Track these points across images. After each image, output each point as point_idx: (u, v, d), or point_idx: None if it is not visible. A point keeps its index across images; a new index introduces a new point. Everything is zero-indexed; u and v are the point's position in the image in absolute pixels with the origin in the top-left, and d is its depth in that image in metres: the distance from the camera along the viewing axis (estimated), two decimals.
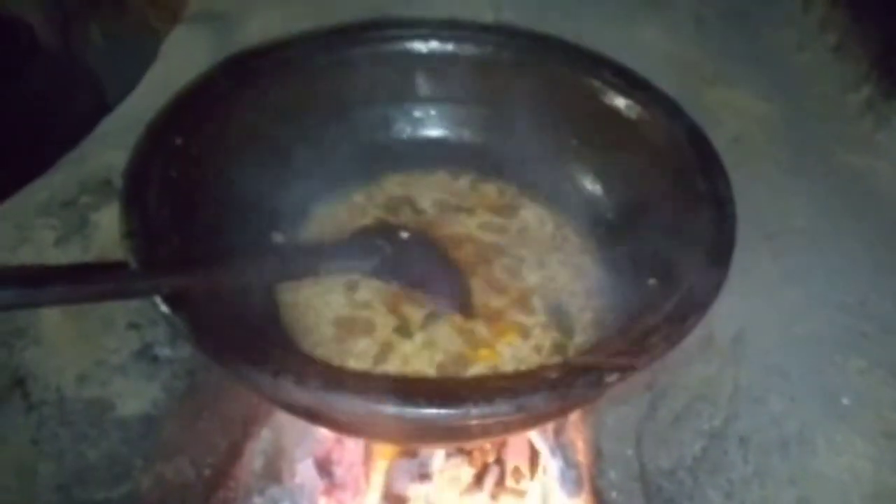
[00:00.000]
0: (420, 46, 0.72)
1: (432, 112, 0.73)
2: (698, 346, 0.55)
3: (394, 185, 0.70)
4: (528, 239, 0.67)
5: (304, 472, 0.64)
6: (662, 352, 0.46)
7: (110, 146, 0.71)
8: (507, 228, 0.67)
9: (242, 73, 0.65)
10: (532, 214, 0.69)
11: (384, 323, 0.55)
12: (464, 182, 0.71)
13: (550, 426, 0.64)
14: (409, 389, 0.43)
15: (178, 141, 0.58)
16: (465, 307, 0.57)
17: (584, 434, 0.60)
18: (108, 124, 0.79)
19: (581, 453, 0.62)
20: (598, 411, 0.59)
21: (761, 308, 0.57)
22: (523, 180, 0.71)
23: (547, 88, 0.70)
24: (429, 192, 0.70)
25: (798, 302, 0.57)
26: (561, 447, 0.64)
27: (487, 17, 0.91)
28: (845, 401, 0.50)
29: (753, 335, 0.55)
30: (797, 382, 0.51)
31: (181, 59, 0.88)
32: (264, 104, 0.65)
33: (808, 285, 0.59)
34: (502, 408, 0.43)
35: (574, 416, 0.63)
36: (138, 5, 1.25)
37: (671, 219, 0.60)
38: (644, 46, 0.90)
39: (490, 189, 0.71)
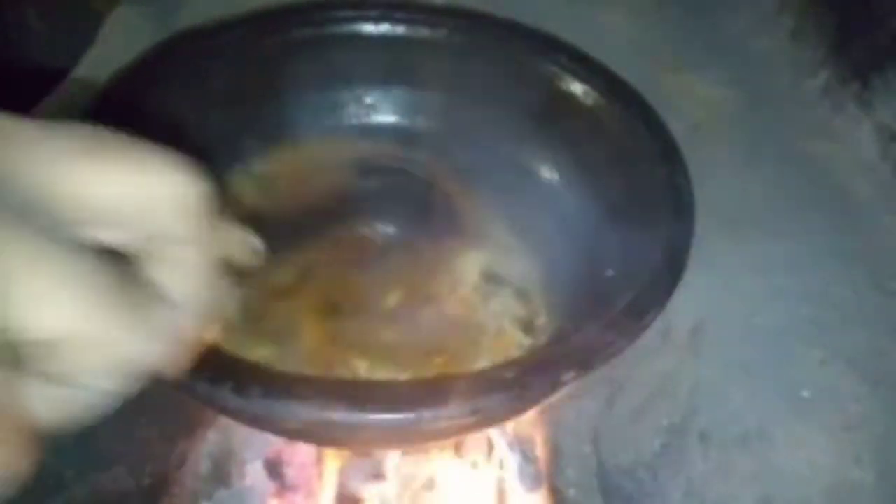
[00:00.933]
0: (370, 29, 0.69)
1: (384, 97, 0.71)
2: (656, 340, 0.54)
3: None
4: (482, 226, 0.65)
5: (254, 474, 0.62)
6: (620, 348, 0.45)
7: None
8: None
9: (177, 58, 0.62)
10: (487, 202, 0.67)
11: None
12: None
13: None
14: (358, 394, 0.41)
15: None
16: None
17: (541, 429, 0.59)
18: (45, 106, 0.75)
19: (539, 448, 0.61)
20: (555, 407, 0.57)
21: (720, 299, 0.56)
22: (477, 166, 0.69)
23: (502, 73, 0.67)
24: None
25: (758, 292, 0.56)
26: (519, 442, 0.63)
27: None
28: (805, 393, 0.49)
29: (713, 327, 0.54)
30: (757, 376, 0.50)
31: (121, 42, 0.85)
32: (203, 92, 0.62)
33: (768, 275, 0.58)
34: (456, 410, 0.41)
35: (531, 411, 0.61)
36: None
37: (628, 208, 0.59)
38: (606, 30, 0.88)
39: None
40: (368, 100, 0.70)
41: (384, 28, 0.69)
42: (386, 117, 0.71)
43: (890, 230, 0.63)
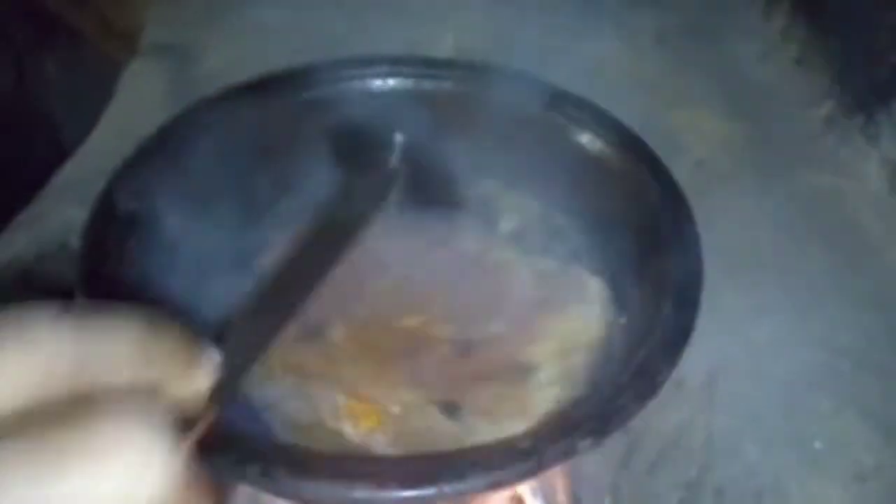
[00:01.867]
0: (379, 84, 0.71)
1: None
2: (670, 390, 0.55)
3: None
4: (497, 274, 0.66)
5: None
6: (634, 412, 0.46)
7: (68, 201, 0.70)
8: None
9: (200, 124, 0.63)
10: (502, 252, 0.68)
11: None
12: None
13: None
14: (380, 471, 0.42)
15: (133, 206, 0.57)
16: None
17: (563, 480, 0.60)
18: (66, 174, 0.77)
19: (561, 496, 0.62)
20: (575, 458, 0.58)
21: (731, 347, 0.57)
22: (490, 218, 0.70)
23: (508, 124, 0.69)
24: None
25: (767, 339, 0.57)
26: (542, 489, 0.64)
27: (447, 41, 0.91)
28: (818, 445, 0.50)
29: (724, 378, 0.55)
30: (770, 428, 0.51)
31: (138, 98, 0.87)
32: (226, 154, 0.63)
33: (776, 321, 0.59)
34: (475, 483, 0.43)
35: None
36: (94, 35, 1.22)
37: (638, 259, 0.60)
38: (604, 64, 0.89)
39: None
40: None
41: (392, 82, 0.71)
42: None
43: None
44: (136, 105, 0.86)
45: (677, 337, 0.50)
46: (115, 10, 1.20)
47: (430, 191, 0.71)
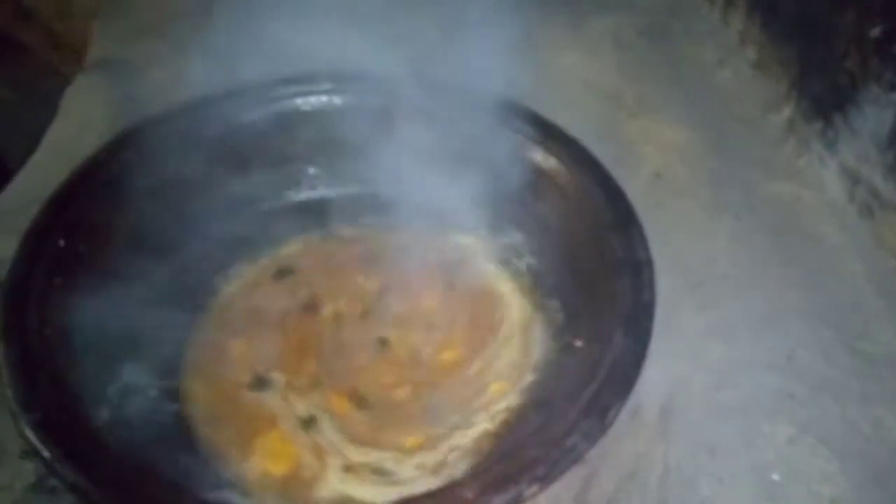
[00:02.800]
0: (320, 101, 0.69)
1: (336, 168, 0.70)
2: (626, 419, 0.53)
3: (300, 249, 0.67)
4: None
5: None
6: (582, 453, 0.44)
7: (3, 231, 0.67)
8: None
9: (129, 153, 0.61)
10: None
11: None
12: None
13: None
14: None
15: (61, 242, 0.54)
16: None
17: None
18: (2, 201, 0.74)
19: None
20: None
21: (687, 372, 0.55)
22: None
23: (462, 139, 0.67)
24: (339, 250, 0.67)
25: (724, 362, 0.56)
26: None
27: (393, 53, 0.88)
28: (775, 476, 0.48)
29: (681, 405, 0.53)
30: (726, 460, 0.50)
31: (80, 117, 0.84)
32: (155, 183, 0.61)
33: (733, 342, 0.57)
34: None
35: None
36: (41, 49, 1.19)
37: (591, 279, 0.58)
38: (563, 72, 0.87)
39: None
40: (313, 172, 0.70)
41: (335, 99, 0.69)
42: (336, 189, 0.70)
43: (857, 279, 0.63)
44: (79, 123, 0.82)
45: (628, 370, 0.49)
46: (61, 23, 1.17)
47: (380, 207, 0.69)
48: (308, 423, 0.53)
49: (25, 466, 0.51)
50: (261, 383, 0.56)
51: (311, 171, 0.70)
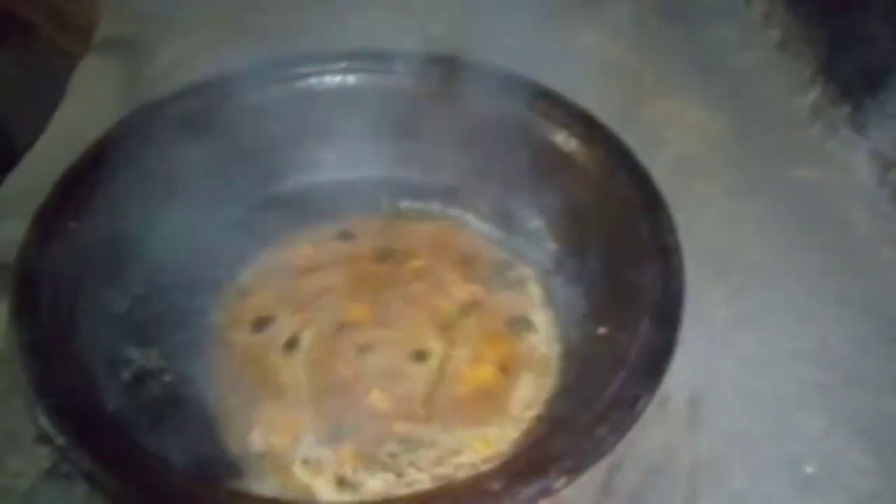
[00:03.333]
0: (338, 81, 0.66)
1: (360, 150, 0.68)
2: (654, 409, 0.52)
3: (326, 231, 0.65)
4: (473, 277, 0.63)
5: None
6: (611, 445, 0.43)
7: (11, 214, 0.65)
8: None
9: (140, 134, 0.59)
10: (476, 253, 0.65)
11: None
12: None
13: None
14: None
15: (72, 225, 0.53)
16: None
17: None
18: (11, 183, 0.72)
19: None
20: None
21: (716, 361, 0.54)
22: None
23: (481, 120, 0.65)
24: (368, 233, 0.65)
25: (754, 352, 0.54)
26: None
27: (415, 32, 0.86)
28: (809, 469, 0.47)
29: (710, 395, 0.52)
30: (758, 451, 0.48)
31: (89, 97, 0.82)
32: (168, 166, 0.59)
33: (763, 331, 0.55)
34: None
35: None
36: (48, 29, 1.17)
37: (616, 266, 0.56)
38: (582, 54, 0.85)
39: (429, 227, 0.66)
40: (344, 152, 0.68)
41: (353, 79, 0.67)
42: (365, 170, 0.68)
43: (889, 266, 0.61)
44: (88, 104, 0.81)
45: (658, 359, 0.47)
46: (68, 2, 1.15)
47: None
48: None
49: (40, 452, 0.50)
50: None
51: (327, 153, 0.68)
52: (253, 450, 0.50)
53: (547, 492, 0.41)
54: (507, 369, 0.56)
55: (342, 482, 0.48)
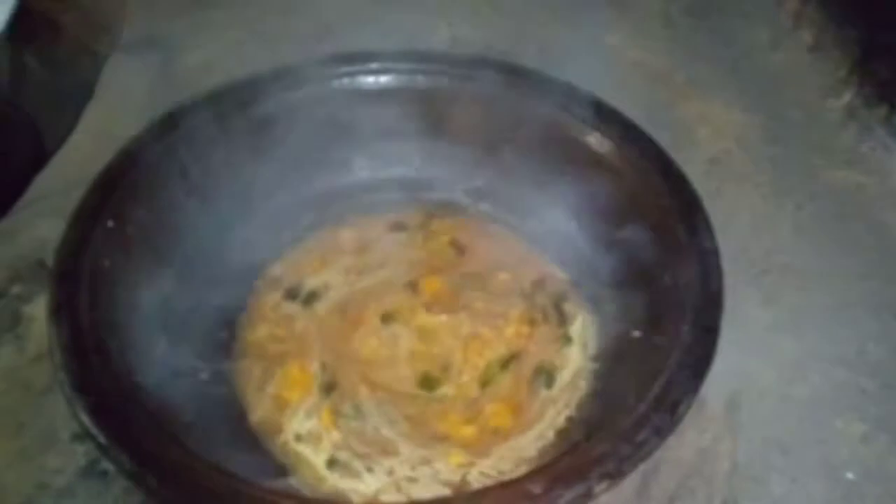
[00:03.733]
0: (372, 81, 0.66)
1: (391, 150, 0.68)
2: (690, 413, 0.51)
3: (352, 230, 0.65)
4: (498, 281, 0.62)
5: None
6: (653, 448, 0.43)
7: (44, 213, 0.66)
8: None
9: (177, 133, 0.59)
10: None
11: None
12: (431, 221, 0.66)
13: None
14: None
15: (110, 223, 0.53)
16: None
17: None
18: (42, 182, 0.73)
19: None
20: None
21: (754, 365, 0.53)
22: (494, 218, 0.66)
23: (514, 122, 0.65)
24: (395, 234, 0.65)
25: (792, 356, 0.54)
26: None
27: (442, 32, 0.86)
28: (850, 475, 0.46)
29: (748, 400, 0.52)
30: (798, 457, 0.48)
31: (118, 97, 0.82)
32: (204, 165, 0.59)
33: (801, 335, 0.55)
34: None
35: None
36: (75, 29, 1.17)
37: (652, 268, 0.56)
38: (611, 54, 0.85)
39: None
40: (376, 153, 0.68)
41: (385, 80, 0.66)
42: (395, 169, 0.68)
43: None
44: (117, 104, 0.81)
45: (698, 363, 0.47)
46: (96, 2, 1.15)
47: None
48: None
49: (76, 450, 0.50)
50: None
51: (360, 157, 0.68)
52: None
53: (588, 496, 0.41)
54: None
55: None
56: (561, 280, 0.62)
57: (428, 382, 0.54)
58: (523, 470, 0.47)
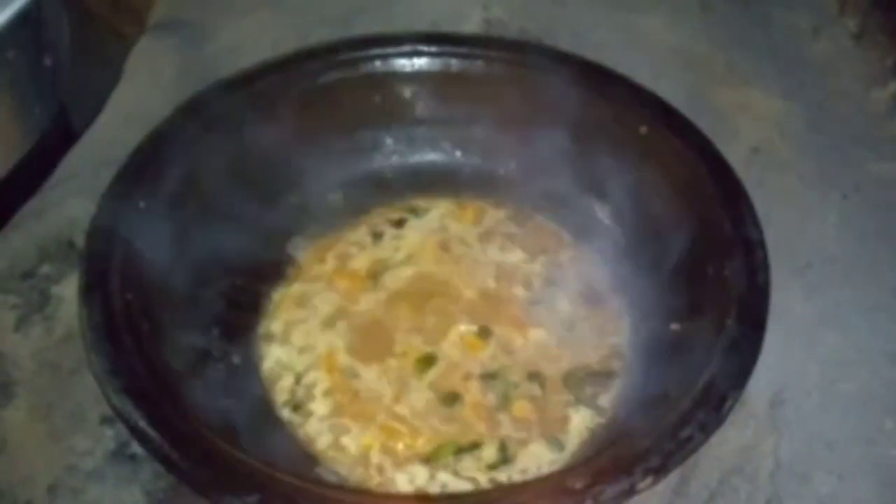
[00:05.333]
0: (405, 64, 0.65)
1: (426, 134, 0.67)
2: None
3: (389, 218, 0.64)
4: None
5: None
6: (698, 445, 0.41)
7: (73, 193, 0.65)
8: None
9: (209, 113, 0.58)
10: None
11: None
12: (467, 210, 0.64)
13: None
14: None
15: (141, 204, 0.52)
16: None
17: None
18: (71, 162, 0.72)
19: None
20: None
21: (799, 360, 0.52)
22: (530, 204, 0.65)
23: (550, 105, 0.63)
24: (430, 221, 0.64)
25: (839, 351, 0.52)
26: None
27: (475, 14, 0.84)
28: None
29: (793, 395, 0.50)
30: (845, 455, 0.46)
31: (146, 78, 0.81)
32: (237, 147, 0.59)
33: (848, 329, 0.53)
34: None
35: None
36: (102, 11, 1.17)
37: (694, 260, 0.54)
38: (647, 39, 0.83)
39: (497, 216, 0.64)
40: (410, 138, 0.67)
41: (419, 62, 0.65)
42: (430, 154, 0.67)
43: None
44: (144, 86, 0.80)
45: (744, 358, 0.45)
46: None
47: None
48: None
49: (105, 433, 0.49)
50: None
51: (388, 139, 0.67)
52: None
53: (631, 491, 0.39)
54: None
55: None
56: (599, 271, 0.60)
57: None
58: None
